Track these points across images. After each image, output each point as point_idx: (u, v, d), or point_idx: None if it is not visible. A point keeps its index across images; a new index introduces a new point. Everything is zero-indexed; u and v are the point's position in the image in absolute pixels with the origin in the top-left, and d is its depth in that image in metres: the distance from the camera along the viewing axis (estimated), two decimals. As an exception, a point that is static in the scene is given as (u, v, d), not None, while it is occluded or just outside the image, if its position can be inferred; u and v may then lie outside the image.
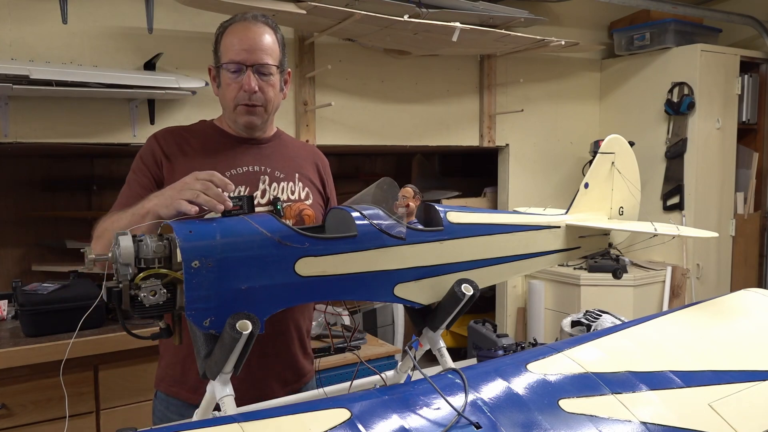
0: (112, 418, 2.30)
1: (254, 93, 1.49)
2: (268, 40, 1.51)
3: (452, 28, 2.79)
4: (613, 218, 1.60)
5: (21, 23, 2.41)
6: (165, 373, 1.57)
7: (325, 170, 1.72)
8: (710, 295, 1.66)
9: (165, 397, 1.56)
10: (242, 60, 1.47)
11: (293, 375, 1.60)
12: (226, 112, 1.57)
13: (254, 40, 1.49)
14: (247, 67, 1.47)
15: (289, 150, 1.65)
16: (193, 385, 1.49)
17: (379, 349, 3.08)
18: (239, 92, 1.49)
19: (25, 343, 2.17)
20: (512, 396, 0.94)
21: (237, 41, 1.48)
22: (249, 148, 1.57)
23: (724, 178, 3.96)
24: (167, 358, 1.57)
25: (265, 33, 1.51)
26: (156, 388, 1.60)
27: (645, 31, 3.86)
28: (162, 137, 1.55)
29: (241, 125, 1.55)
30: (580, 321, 2.00)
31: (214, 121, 1.63)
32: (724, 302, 1.34)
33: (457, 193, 4.04)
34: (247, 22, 1.52)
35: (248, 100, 1.50)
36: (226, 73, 1.50)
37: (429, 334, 1.22)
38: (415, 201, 1.19)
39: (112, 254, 0.95)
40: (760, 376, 1.09)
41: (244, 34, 1.49)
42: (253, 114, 1.52)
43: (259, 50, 1.49)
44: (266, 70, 1.49)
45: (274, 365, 1.54)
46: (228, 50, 1.49)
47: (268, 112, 1.56)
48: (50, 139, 2.49)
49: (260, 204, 1.52)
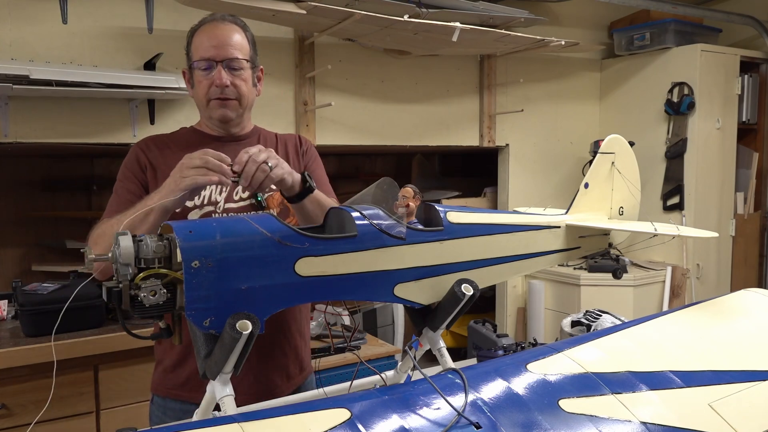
0: (112, 418, 2.30)
1: (226, 87, 1.51)
2: (237, 37, 1.54)
3: (452, 28, 2.79)
4: (613, 218, 1.60)
5: (21, 23, 2.41)
6: (163, 377, 1.57)
7: (305, 149, 1.72)
8: (710, 295, 1.66)
9: (162, 401, 1.56)
10: (212, 56, 1.50)
11: (297, 368, 1.61)
12: (201, 110, 1.60)
13: (222, 36, 1.51)
14: (217, 63, 1.49)
15: (268, 143, 1.66)
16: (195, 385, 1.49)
17: (379, 349, 3.08)
18: (211, 88, 1.51)
19: (25, 343, 2.17)
20: (512, 396, 0.94)
21: (206, 39, 1.51)
22: (226, 145, 1.57)
23: (724, 178, 3.96)
24: (167, 362, 1.56)
25: (233, 31, 1.54)
26: (153, 392, 1.60)
27: (645, 31, 3.86)
28: (144, 145, 1.58)
29: (215, 120, 1.56)
30: (580, 321, 2.00)
31: (194, 126, 1.65)
32: (724, 302, 1.34)
33: (457, 193, 4.04)
34: (215, 22, 1.55)
35: (221, 93, 1.51)
36: (197, 71, 1.52)
37: (429, 334, 1.22)
38: (415, 201, 1.19)
39: (112, 254, 0.95)
40: (760, 376, 1.09)
41: (213, 33, 1.52)
42: (227, 107, 1.54)
43: (228, 45, 1.51)
44: (236, 64, 1.51)
45: (280, 359, 1.55)
46: (198, 49, 1.52)
47: (243, 107, 1.57)
48: (50, 139, 2.49)
49: (242, 198, 1.54)
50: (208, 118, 1.59)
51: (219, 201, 1.52)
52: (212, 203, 1.51)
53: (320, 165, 1.74)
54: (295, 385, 1.61)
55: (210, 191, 1.52)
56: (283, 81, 3.02)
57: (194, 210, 1.50)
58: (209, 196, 1.52)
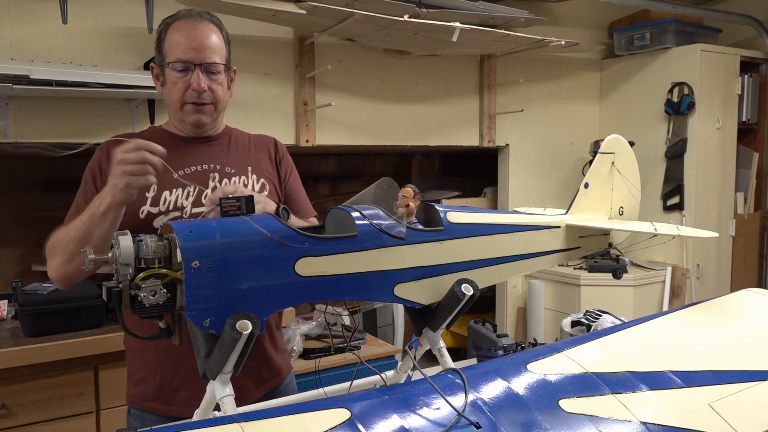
0: (112, 418, 2.30)
1: (203, 92, 1.48)
2: (215, 39, 1.50)
3: (452, 28, 2.79)
4: (613, 218, 1.60)
5: (21, 23, 2.41)
6: (138, 390, 1.52)
7: (281, 156, 1.69)
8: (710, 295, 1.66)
9: (140, 413, 1.52)
10: (190, 59, 1.46)
11: (269, 372, 1.59)
12: (172, 112, 1.55)
13: (201, 39, 1.47)
14: (195, 66, 1.46)
15: (240, 144, 1.63)
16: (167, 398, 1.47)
17: (379, 349, 3.08)
18: (187, 91, 1.47)
19: (25, 343, 2.17)
20: (512, 396, 0.94)
21: (184, 40, 1.46)
22: (196, 147, 1.55)
23: (724, 178, 3.96)
24: (139, 374, 1.52)
25: (211, 32, 1.50)
26: (129, 404, 1.55)
27: (645, 31, 3.86)
28: (108, 147, 1.49)
29: (189, 124, 1.53)
30: (580, 321, 2.00)
31: (163, 125, 1.61)
32: (724, 302, 1.34)
33: (457, 193, 4.04)
34: (193, 20, 1.50)
35: (198, 98, 1.48)
36: (172, 71, 1.47)
37: (429, 334, 1.22)
38: (415, 201, 1.19)
39: (112, 254, 0.95)
40: (760, 376, 1.09)
41: (192, 33, 1.48)
42: (202, 112, 1.51)
43: (207, 49, 1.47)
44: (214, 68, 1.49)
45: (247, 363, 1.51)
46: (174, 49, 1.47)
47: (218, 111, 1.55)
48: (50, 139, 2.49)
49: None
50: (180, 121, 1.54)
51: (186, 206, 1.47)
52: (178, 208, 1.47)
53: (297, 176, 1.72)
54: (268, 388, 1.58)
55: (176, 196, 1.47)
56: (283, 81, 3.02)
57: (159, 216, 1.45)
58: (175, 201, 1.47)
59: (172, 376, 1.47)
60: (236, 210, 1.06)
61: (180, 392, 1.47)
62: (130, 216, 1.40)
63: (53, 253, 1.38)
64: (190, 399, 1.19)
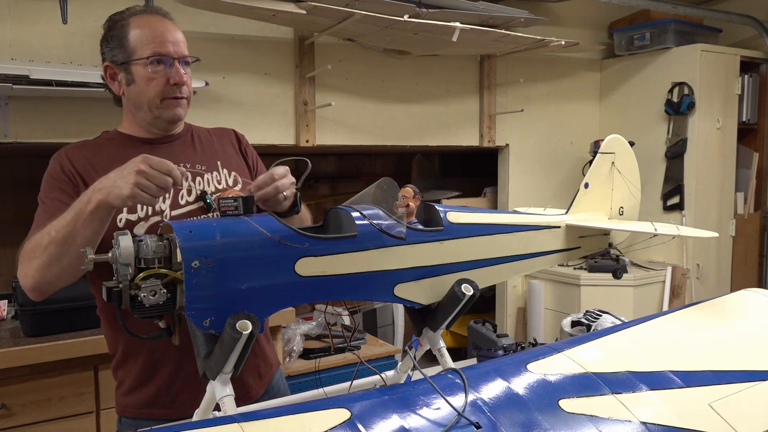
0: (112, 418, 2.28)
1: (183, 85, 1.45)
2: (181, 34, 1.48)
3: (452, 28, 2.79)
4: (613, 218, 1.60)
5: (21, 23, 2.41)
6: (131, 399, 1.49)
7: (244, 147, 1.67)
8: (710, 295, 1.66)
9: (133, 422, 1.48)
10: (169, 52, 1.43)
11: (265, 366, 1.59)
12: (142, 111, 1.47)
13: (173, 32, 1.46)
14: (174, 59, 1.43)
15: (203, 139, 1.60)
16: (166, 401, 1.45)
17: (379, 349, 3.09)
18: (166, 86, 1.43)
19: (25, 343, 2.17)
20: (512, 396, 0.94)
21: (158, 34, 1.43)
22: (160, 148, 1.50)
23: (724, 178, 3.96)
24: (131, 382, 1.48)
25: (177, 28, 1.49)
26: (120, 414, 1.51)
27: (645, 31, 3.86)
28: (67, 155, 1.45)
29: (164, 120, 1.48)
30: (580, 321, 2.00)
31: (118, 129, 1.54)
32: (724, 302, 1.34)
33: (457, 193, 4.04)
34: (157, 16, 1.47)
35: (178, 92, 1.45)
36: (144, 67, 1.42)
37: (429, 334, 1.22)
38: (415, 201, 1.19)
39: (112, 254, 0.95)
40: (760, 376, 1.09)
41: (162, 27, 1.45)
42: (180, 106, 1.48)
43: (180, 42, 1.46)
44: (188, 61, 1.47)
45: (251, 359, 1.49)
46: (148, 43, 1.42)
47: (189, 105, 1.52)
48: (50, 139, 2.49)
49: (188, 201, 1.47)
50: (155, 119, 1.47)
51: (164, 209, 1.43)
52: (157, 213, 1.42)
53: (262, 163, 1.69)
54: (266, 383, 1.59)
55: None
56: (283, 81, 3.02)
57: (140, 223, 1.41)
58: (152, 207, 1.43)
59: (170, 382, 1.46)
60: (234, 210, 1.06)
61: (180, 396, 1.45)
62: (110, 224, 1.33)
63: (30, 257, 1.28)
64: (190, 401, 1.18)
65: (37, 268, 1.27)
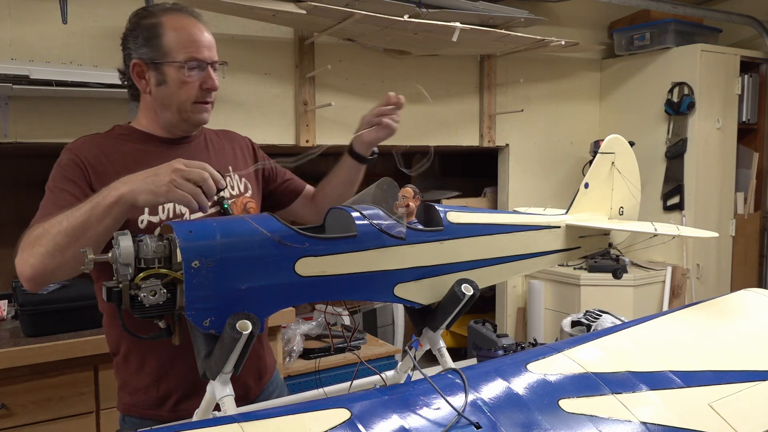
0: (112, 418, 2.29)
1: (215, 90, 1.46)
2: (212, 36, 1.48)
3: (452, 28, 2.79)
4: (613, 218, 1.60)
5: (21, 23, 2.41)
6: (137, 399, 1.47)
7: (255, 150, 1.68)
8: (710, 295, 1.66)
9: (139, 422, 1.47)
10: (204, 57, 1.43)
11: (264, 366, 1.59)
12: (170, 112, 1.45)
13: (208, 37, 1.46)
14: (208, 65, 1.44)
15: (215, 144, 1.60)
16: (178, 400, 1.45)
17: (379, 349, 3.08)
18: (199, 90, 1.43)
19: (25, 343, 2.16)
20: (512, 396, 0.94)
21: (195, 38, 1.43)
22: (177, 148, 1.49)
23: (724, 178, 3.96)
24: (136, 383, 1.46)
25: (207, 29, 1.48)
26: (125, 413, 1.49)
27: (645, 31, 3.86)
28: (80, 148, 1.42)
29: (192, 123, 1.48)
30: (580, 321, 2.00)
31: (132, 124, 1.52)
32: (724, 302, 1.34)
33: (457, 193, 4.05)
34: (191, 18, 1.46)
35: (209, 97, 1.46)
36: (178, 70, 1.40)
37: (429, 334, 1.22)
38: (415, 201, 1.19)
39: (112, 254, 0.95)
40: (760, 376, 1.09)
41: (198, 30, 1.44)
42: (207, 111, 1.48)
43: (213, 47, 1.46)
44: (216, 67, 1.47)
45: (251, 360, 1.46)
46: (185, 47, 1.41)
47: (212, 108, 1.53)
48: (50, 139, 2.49)
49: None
50: (182, 121, 1.46)
51: (185, 212, 1.42)
52: (177, 216, 1.42)
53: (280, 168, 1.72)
54: (264, 383, 1.59)
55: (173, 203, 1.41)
56: (283, 81, 3.02)
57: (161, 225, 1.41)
58: (173, 208, 1.42)
59: (176, 386, 1.45)
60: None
61: (185, 401, 1.44)
62: (130, 225, 1.33)
63: (34, 243, 1.23)
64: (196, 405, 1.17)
65: (39, 256, 1.22)
